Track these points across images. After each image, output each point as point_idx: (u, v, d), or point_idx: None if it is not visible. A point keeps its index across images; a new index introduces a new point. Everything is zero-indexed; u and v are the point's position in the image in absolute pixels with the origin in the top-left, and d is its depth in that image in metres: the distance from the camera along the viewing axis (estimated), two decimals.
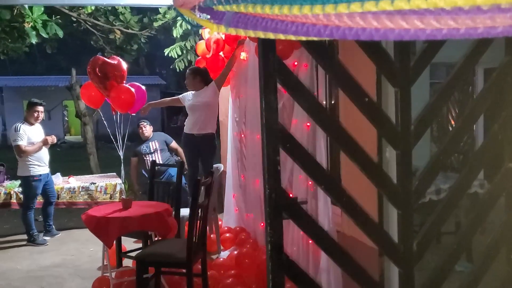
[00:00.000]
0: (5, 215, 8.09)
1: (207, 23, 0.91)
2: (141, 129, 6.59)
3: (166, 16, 7.80)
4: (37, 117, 6.00)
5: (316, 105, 1.98)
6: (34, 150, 5.83)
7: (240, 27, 0.83)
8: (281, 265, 1.88)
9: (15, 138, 5.80)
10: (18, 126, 5.87)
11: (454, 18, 0.68)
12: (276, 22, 0.76)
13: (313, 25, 0.71)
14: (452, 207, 2.27)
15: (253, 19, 0.79)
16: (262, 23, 0.78)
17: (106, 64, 4.99)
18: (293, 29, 0.73)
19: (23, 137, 5.81)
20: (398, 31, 0.65)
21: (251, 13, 0.79)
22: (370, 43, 2.06)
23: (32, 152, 5.82)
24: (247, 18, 0.80)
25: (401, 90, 2.07)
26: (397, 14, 0.67)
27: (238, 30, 0.85)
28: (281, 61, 1.83)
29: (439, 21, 0.63)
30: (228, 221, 5.84)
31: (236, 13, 0.82)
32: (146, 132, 6.59)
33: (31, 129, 5.94)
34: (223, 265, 4.45)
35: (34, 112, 5.97)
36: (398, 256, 2.16)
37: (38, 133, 6.04)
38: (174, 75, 26.33)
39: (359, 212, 2.09)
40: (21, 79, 24.29)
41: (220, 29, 0.90)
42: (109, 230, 3.96)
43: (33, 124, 6.00)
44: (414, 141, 2.09)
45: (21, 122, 5.94)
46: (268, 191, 1.82)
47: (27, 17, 6.38)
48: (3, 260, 5.44)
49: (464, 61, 2.22)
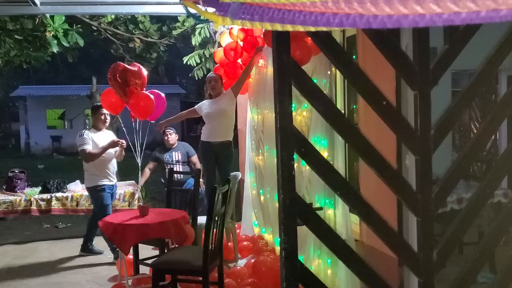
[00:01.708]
0: (26, 222, 8.20)
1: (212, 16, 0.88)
2: (166, 136, 6.56)
3: (185, 24, 7.85)
4: (105, 120, 5.57)
5: (332, 109, 1.93)
6: (100, 153, 5.34)
7: (246, 18, 0.79)
8: (295, 273, 1.83)
9: (80, 143, 5.37)
10: (82, 132, 5.49)
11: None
12: (283, 12, 0.72)
13: (321, 14, 0.68)
14: (473, 216, 2.19)
15: (259, 10, 0.76)
16: (268, 14, 0.74)
17: (126, 71, 5.01)
18: (300, 19, 0.69)
19: (88, 142, 5.36)
20: (412, 17, 0.60)
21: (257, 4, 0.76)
22: (388, 45, 2.01)
23: (98, 155, 5.34)
24: (253, 9, 0.77)
25: (420, 93, 2.01)
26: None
27: (244, 22, 0.81)
28: (296, 64, 1.79)
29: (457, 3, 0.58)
30: (245, 229, 5.79)
31: (241, 4, 0.79)
32: (171, 140, 6.57)
33: (98, 135, 5.50)
34: (240, 273, 4.40)
35: (101, 115, 5.54)
36: (418, 265, 2.08)
37: (108, 139, 5.50)
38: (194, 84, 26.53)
39: (378, 220, 2.03)
40: (44, 88, 24.78)
41: (226, 22, 0.86)
42: (126, 237, 3.96)
43: (101, 130, 5.58)
44: (434, 146, 2.03)
45: (87, 129, 5.59)
46: (282, 197, 1.77)
47: (49, 26, 6.49)
48: (23, 267, 5.48)
49: (485, 65, 2.15)
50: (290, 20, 0.71)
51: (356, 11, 0.63)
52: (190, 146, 6.85)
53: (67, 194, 6.37)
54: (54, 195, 6.32)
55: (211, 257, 3.64)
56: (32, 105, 24.90)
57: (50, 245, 6.40)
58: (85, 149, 5.33)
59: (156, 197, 8.48)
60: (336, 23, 0.67)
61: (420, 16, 0.60)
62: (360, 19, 0.64)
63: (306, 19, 0.69)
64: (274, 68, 1.77)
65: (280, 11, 0.73)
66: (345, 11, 0.64)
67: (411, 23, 0.61)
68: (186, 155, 6.61)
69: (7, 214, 6.35)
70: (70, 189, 6.54)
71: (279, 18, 0.72)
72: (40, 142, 24.79)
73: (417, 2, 0.59)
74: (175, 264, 3.76)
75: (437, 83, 2.09)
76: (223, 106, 5.38)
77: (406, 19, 0.61)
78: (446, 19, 0.60)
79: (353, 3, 0.61)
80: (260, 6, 0.76)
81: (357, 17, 0.65)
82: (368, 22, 0.63)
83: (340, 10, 0.65)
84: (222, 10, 0.84)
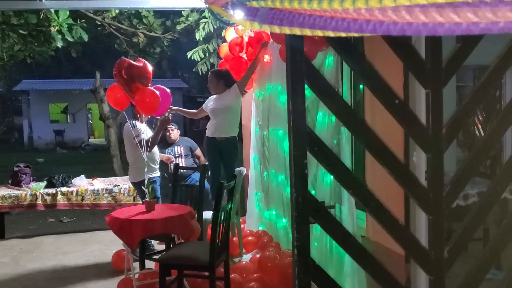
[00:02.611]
0: (31, 216, 8.25)
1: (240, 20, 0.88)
2: (168, 132, 6.57)
3: (189, 19, 7.82)
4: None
5: (344, 107, 1.93)
6: (158, 136, 5.11)
7: (275, 23, 0.79)
8: (307, 270, 1.84)
9: (137, 134, 5.03)
10: (134, 123, 5.18)
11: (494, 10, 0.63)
12: (314, 18, 0.72)
13: (354, 20, 0.68)
14: (484, 214, 2.20)
15: (289, 15, 0.76)
16: (299, 19, 0.74)
17: (131, 67, 5.00)
18: (332, 25, 0.70)
19: (142, 131, 5.09)
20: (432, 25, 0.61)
21: (287, 9, 0.76)
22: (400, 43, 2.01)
23: (157, 139, 5.08)
24: (283, 14, 0.77)
25: (432, 91, 2.01)
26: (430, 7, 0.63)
27: (272, 26, 0.81)
28: (309, 62, 1.79)
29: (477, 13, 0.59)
30: (250, 224, 5.81)
31: (271, 9, 0.79)
32: (173, 135, 6.57)
33: (143, 126, 5.25)
34: (245, 269, 4.42)
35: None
36: (429, 263, 2.09)
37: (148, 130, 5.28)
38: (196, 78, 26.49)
39: (389, 218, 2.03)
40: (47, 83, 24.78)
41: (254, 26, 0.86)
42: (132, 232, 3.98)
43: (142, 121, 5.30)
44: (445, 145, 2.03)
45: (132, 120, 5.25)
46: (295, 195, 1.78)
47: (53, 21, 6.47)
48: (29, 261, 5.51)
49: (497, 63, 2.15)
50: (321, 26, 0.71)
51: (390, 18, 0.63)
52: (193, 141, 6.86)
53: (72, 189, 6.39)
54: (59, 189, 6.35)
55: (217, 252, 3.66)
56: (35, 99, 24.92)
57: (55, 239, 6.43)
58: (143, 139, 5.01)
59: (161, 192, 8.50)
60: (369, 29, 0.67)
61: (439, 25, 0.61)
62: (380, 26, 0.64)
63: (338, 25, 0.69)
64: (287, 67, 1.77)
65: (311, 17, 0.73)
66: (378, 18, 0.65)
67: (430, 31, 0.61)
68: (189, 149, 6.62)
69: (12, 208, 6.39)
70: (75, 183, 6.56)
71: (310, 24, 0.72)
72: (43, 136, 24.84)
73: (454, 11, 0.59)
74: (181, 259, 3.78)
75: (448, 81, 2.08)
76: (228, 102, 5.37)
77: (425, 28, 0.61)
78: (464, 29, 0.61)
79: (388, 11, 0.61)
80: (290, 12, 0.76)
81: (377, 24, 0.65)
82: (388, 29, 0.64)
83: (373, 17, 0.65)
84: (250, 15, 0.84)
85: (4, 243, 6.30)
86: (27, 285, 4.75)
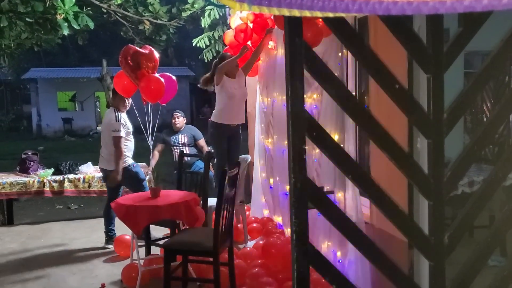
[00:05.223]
0: (39, 203, 8.34)
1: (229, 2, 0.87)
2: (174, 119, 6.60)
3: (194, 6, 7.79)
4: (126, 106, 5.32)
5: (345, 92, 1.92)
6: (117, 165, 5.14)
7: (264, 4, 0.79)
8: (306, 255, 1.85)
9: (117, 128, 5.09)
10: (118, 115, 5.14)
11: None
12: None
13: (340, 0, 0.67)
14: (486, 200, 2.19)
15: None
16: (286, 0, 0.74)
17: (138, 54, 5.01)
18: (319, 5, 0.69)
19: (123, 128, 5.14)
20: (432, 3, 0.60)
21: None
22: (401, 27, 1.99)
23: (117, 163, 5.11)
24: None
25: (433, 76, 1.99)
26: None
27: (261, 7, 0.81)
28: (308, 46, 1.78)
29: None
30: (255, 212, 5.84)
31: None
32: (178, 123, 6.59)
33: (125, 118, 5.26)
34: (249, 255, 4.45)
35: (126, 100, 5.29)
36: (429, 249, 2.09)
37: (128, 122, 5.33)
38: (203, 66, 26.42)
39: (389, 204, 2.03)
40: (54, 71, 24.86)
41: (243, 7, 0.86)
42: (138, 218, 4.01)
43: (123, 112, 5.30)
44: (446, 130, 2.02)
45: (115, 110, 5.20)
46: (293, 180, 1.78)
47: (59, 9, 6.46)
48: (37, 246, 5.59)
49: (501, 47, 2.12)
50: (309, 6, 0.71)
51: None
52: (198, 129, 6.88)
53: (79, 176, 6.45)
54: (66, 176, 6.41)
55: (221, 238, 3.68)
56: (43, 87, 25.04)
57: (63, 226, 6.50)
58: (122, 136, 5.11)
59: (166, 179, 8.55)
60: (355, 9, 0.66)
61: (440, 3, 0.60)
62: (380, 6, 0.64)
63: (325, 5, 0.69)
64: (286, 51, 1.76)
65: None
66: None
67: (431, 9, 0.61)
68: (193, 138, 6.65)
69: (20, 195, 6.47)
70: (82, 170, 6.61)
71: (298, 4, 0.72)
72: (51, 124, 25.01)
73: None
74: (186, 245, 3.81)
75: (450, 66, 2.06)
76: (244, 90, 5.38)
77: (426, 6, 0.60)
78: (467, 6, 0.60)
79: None
80: None
81: (377, 4, 0.64)
82: (387, 9, 0.63)
83: None
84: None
85: (12, 229, 6.38)
86: (35, 270, 4.82)
